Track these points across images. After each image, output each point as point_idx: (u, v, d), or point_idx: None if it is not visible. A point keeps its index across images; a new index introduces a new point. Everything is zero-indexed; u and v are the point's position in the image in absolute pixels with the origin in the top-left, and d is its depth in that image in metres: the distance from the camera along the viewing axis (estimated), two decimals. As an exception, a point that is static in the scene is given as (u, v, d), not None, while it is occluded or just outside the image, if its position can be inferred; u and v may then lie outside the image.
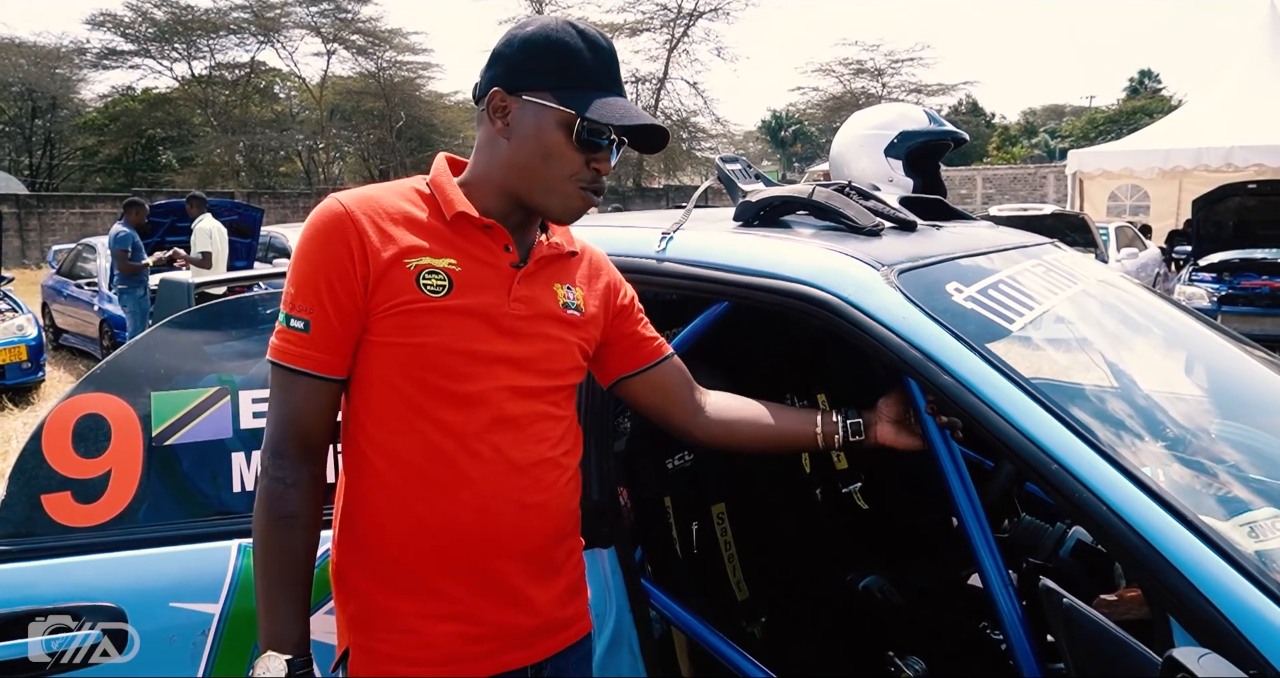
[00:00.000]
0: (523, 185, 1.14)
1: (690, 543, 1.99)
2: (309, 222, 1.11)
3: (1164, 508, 1.02)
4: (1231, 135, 11.38)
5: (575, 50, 1.11)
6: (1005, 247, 1.71)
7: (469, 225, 1.14)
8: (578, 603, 1.27)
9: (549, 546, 1.19)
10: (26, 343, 7.21)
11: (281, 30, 30.78)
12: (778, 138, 49.92)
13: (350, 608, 1.15)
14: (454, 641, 1.13)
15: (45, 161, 33.03)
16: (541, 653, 1.20)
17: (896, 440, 1.36)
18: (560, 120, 1.10)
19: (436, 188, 1.16)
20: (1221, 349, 1.88)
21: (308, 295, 1.08)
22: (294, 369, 1.09)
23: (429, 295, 1.09)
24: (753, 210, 1.57)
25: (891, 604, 2.12)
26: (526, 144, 1.12)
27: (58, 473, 1.34)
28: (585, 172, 1.13)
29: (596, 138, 1.11)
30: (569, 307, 1.21)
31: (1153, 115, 26.39)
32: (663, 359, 1.35)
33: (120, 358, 1.46)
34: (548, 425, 1.18)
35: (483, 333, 1.12)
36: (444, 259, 1.11)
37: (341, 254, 1.07)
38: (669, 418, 1.37)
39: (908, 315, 1.26)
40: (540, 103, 1.11)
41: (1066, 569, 1.40)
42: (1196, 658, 0.75)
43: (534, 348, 1.16)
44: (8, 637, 1.23)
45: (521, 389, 1.15)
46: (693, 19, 30.27)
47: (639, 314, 1.35)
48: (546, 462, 1.17)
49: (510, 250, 1.16)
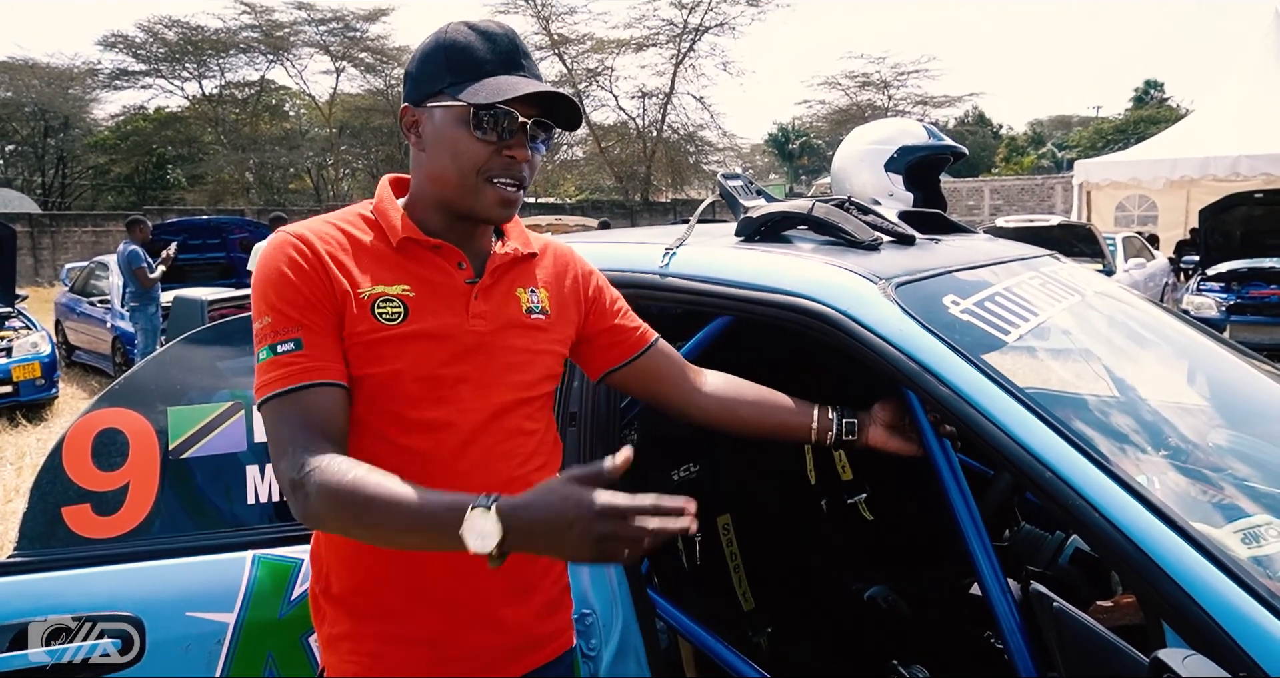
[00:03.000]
0: (446, 192, 1.12)
1: (696, 554, 2.02)
2: (265, 256, 1.09)
3: (1156, 515, 1.04)
4: (1238, 145, 11.39)
5: (463, 45, 1.09)
6: (1003, 259, 1.74)
7: (418, 248, 1.13)
8: (558, 619, 1.26)
9: (522, 565, 1.16)
10: (40, 360, 7.28)
11: (291, 49, 31.12)
12: (784, 151, 50.03)
13: (324, 631, 1.17)
14: (420, 664, 1.13)
15: (58, 180, 33.39)
16: (518, 670, 1.19)
17: (888, 444, 1.38)
18: (458, 116, 1.08)
19: (380, 213, 1.14)
20: (1220, 359, 1.90)
21: (291, 317, 1.05)
22: (299, 387, 1.03)
23: (385, 324, 1.07)
24: (754, 226, 1.60)
25: (896, 614, 2.13)
26: (436, 149, 1.10)
27: (77, 486, 1.38)
28: (496, 161, 1.09)
29: (495, 122, 1.07)
30: (534, 311, 1.19)
31: (1159, 125, 26.38)
32: (648, 347, 1.33)
33: (137, 374, 1.50)
34: (517, 442, 1.16)
35: (444, 356, 1.10)
36: (397, 286, 1.09)
37: (315, 271, 1.06)
38: (665, 401, 1.37)
39: (905, 328, 1.28)
40: (438, 105, 1.09)
41: (1065, 577, 1.42)
42: (1181, 659, 0.77)
43: (500, 362, 1.14)
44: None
45: (489, 408, 1.13)
46: (699, 34, 30.43)
47: (615, 303, 1.33)
48: (516, 480, 1.14)
49: (464, 267, 1.14)
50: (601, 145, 32.31)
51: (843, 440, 1.37)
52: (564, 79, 30.43)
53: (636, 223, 25.16)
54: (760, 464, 2.24)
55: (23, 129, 32.04)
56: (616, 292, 1.35)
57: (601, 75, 31.20)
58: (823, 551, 2.28)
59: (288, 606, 1.39)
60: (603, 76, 31.20)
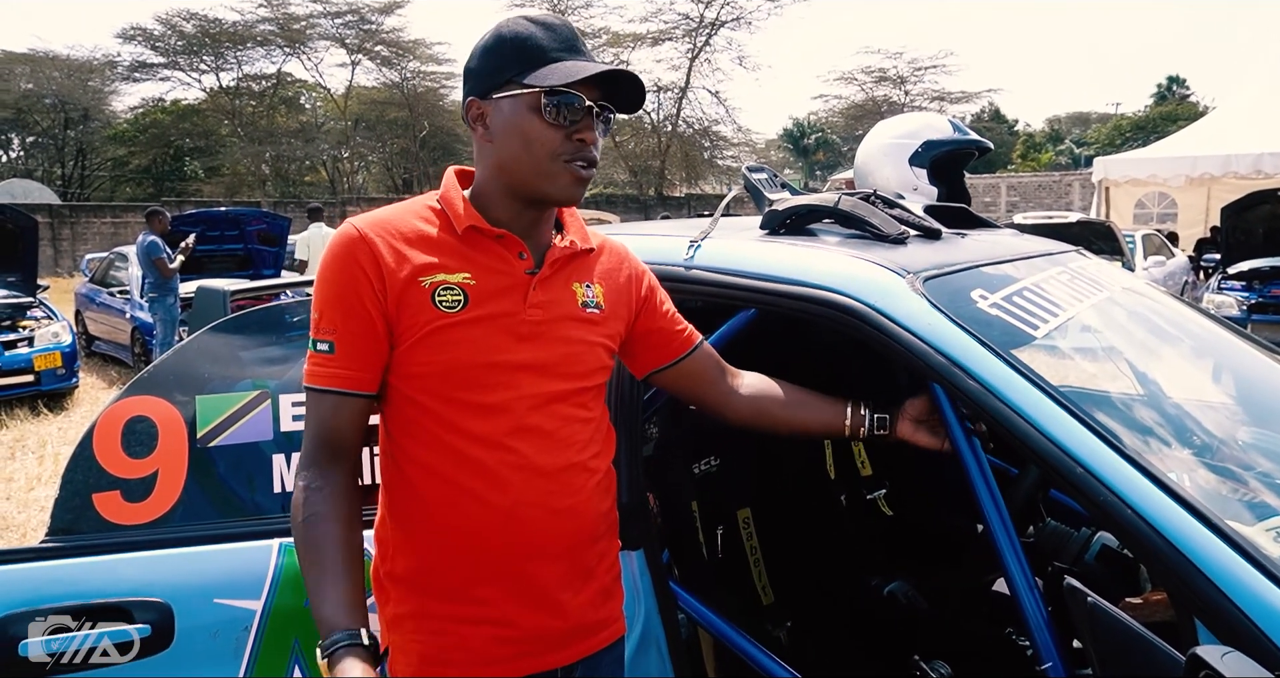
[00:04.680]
0: (517, 180, 1.15)
1: (716, 547, 2.02)
2: (328, 248, 1.14)
3: (1188, 511, 1.03)
4: (1261, 142, 11.25)
5: (527, 35, 1.13)
6: (1030, 254, 1.73)
7: (481, 237, 1.16)
8: (611, 606, 1.28)
9: (580, 549, 1.21)
10: (61, 350, 7.36)
11: (307, 42, 31.23)
12: (800, 146, 49.83)
13: (388, 610, 1.19)
14: (486, 643, 1.16)
15: (77, 172, 33.68)
16: (573, 655, 1.22)
17: (916, 437, 1.39)
18: (529, 104, 1.12)
19: (446, 203, 1.18)
20: (1249, 357, 1.88)
21: (331, 318, 1.12)
22: (322, 389, 1.13)
23: (446, 311, 1.11)
24: (779, 219, 1.60)
25: (916, 609, 2.13)
26: (508, 138, 1.14)
27: (108, 473, 1.39)
28: (568, 145, 1.13)
29: (566, 106, 1.11)
30: (589, 305, 1.22)
31: (1180, 122, 26.11)
32: (694, 349, 1.37)
33: (165, 363, 1.51)
34: (575, 429, 1.19)
35: (502, 343, 1.14)
36: (458, 274, 1.13)
37: (359, 277, 1.11)
38: (703, 401, 1.41)
39: (933, 322, 1.28)
40: (507, 95, 1.13)
41: (1092, 574, 1.41)
42: (1220, 656, 0.76)
43: (556, 352, 1.17)
44: (61, 630, 1.28)
45: (546, 395, 1.16)
46: (715, 28, 30.34)
47: (664, 305, 1.36)
48: (574, 466, 1.18)
49: (525, 257, 1.18)
50: (616, 140, 32.25)
51: (875, 434, 1.39)
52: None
53: (650, 218, 25.12)
54: (780, 459, 2.23)
55: (43, 121, 32.32)
56: (665, 293, 1.37)
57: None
58: (842, 545, 2.28)
59: (313, 593, 1.40)
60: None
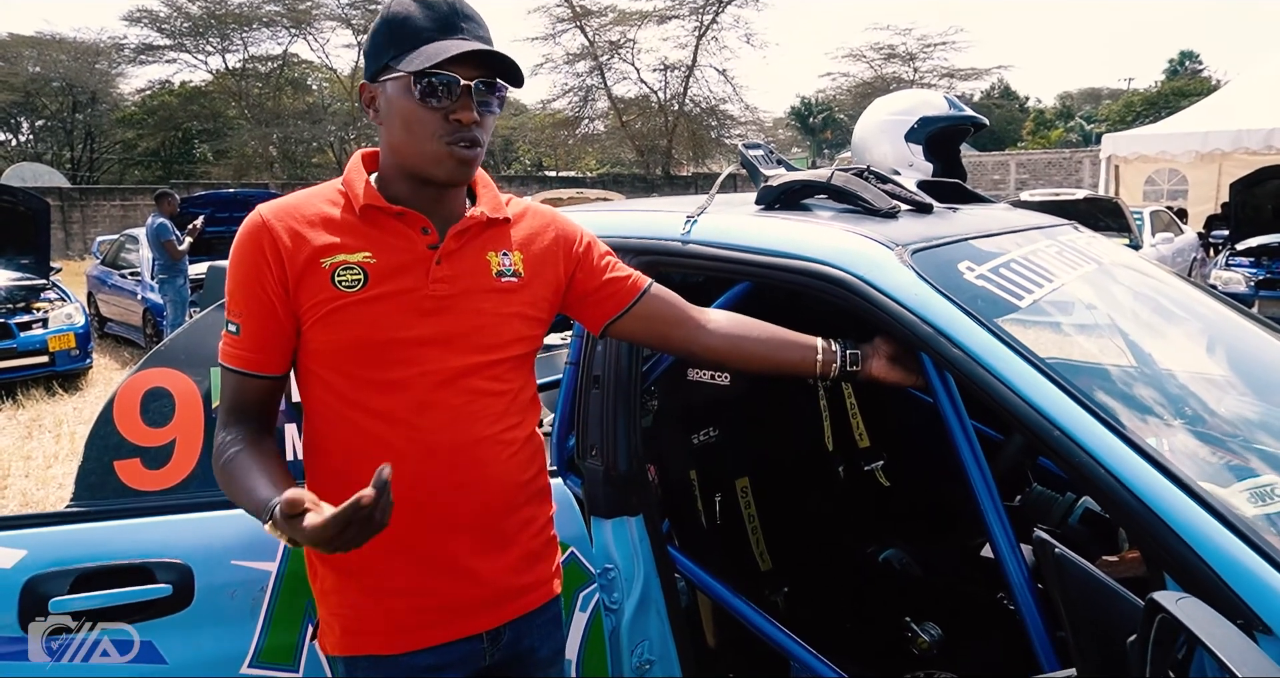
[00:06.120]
0: (407, 162, 1.16)
1: (715, 515, 2.07)
2: (237, 234, 1.18)
3: (1160, 471, 1.07)
4: (1273, 117, 11.12)
5: (405, 16, 1.13)
6: (1020, 227, 1.76)
7: (381, 215, 1.17)
8: (539, 570, 1.30)
9: (494, 520, 1.23)
10: (75, 331, 7.44)
11: (313, 22, 31.08)
12: (807, 125, 49.51)
13: (315, 585, 1.26)
14: (404, 612, 1.21)
15: (86, 155, 33.75)
16: (496, 620, 1.26)
17: (889, 375, 1.41)
18: (403, 87, 1.12)
19: (348, 185, 1.20)
20: (1238, 328, 1.91)
21: (238, 301, 1.16)
22: (230, 368, 1.18)
23: (344, 291, 1.13)
24: (774, 194, 1.64)
25: (909, 576, 2.18)
26: (391, 122, 1.15)
27: (128, 441, 1.46)
28: (445, 126, 1.13)
29: (440, 87, 1.11)
30: (504, 274, 1.22)
31: (1191, 98, 25.80)
32: (642, 293, 1.35)
33: (181, 337, 1.57)
34: (486, 403, 1.20)
35: (403, 320, 1.15)
36: (359, 254, 1.15)
37: (260, 263, 1.14)
38: (670, 343, 1.39)
39: (920, 293, 1.32)
40: (388, 78, 1.14)
41: (1074, 536, 1.46)
42: (1175, 601, 0.81)
43: (464, 324, 1.18)
44: (89, 589, 1.35)
45: (452, 369, 1.17)
46: (722, 5, 30.04)
47: (603, 259, 1.35)
48: (484, 440, 1.19)
49: (429, 232, 1.18)
50: (623, 119, 32.10)
51: (847, 371, 1.40)
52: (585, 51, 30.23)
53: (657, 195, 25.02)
54: (779, 430, 2.28)
55: (51, 104, 32.35)
56: (606, 247, 1.38)
57: (623, 48, 30.90)
58: (839, 515, 2.33)
59: (326, 556, 1.46)
60: (625, 49, 30.92)
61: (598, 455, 1.55)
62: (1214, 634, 0.78)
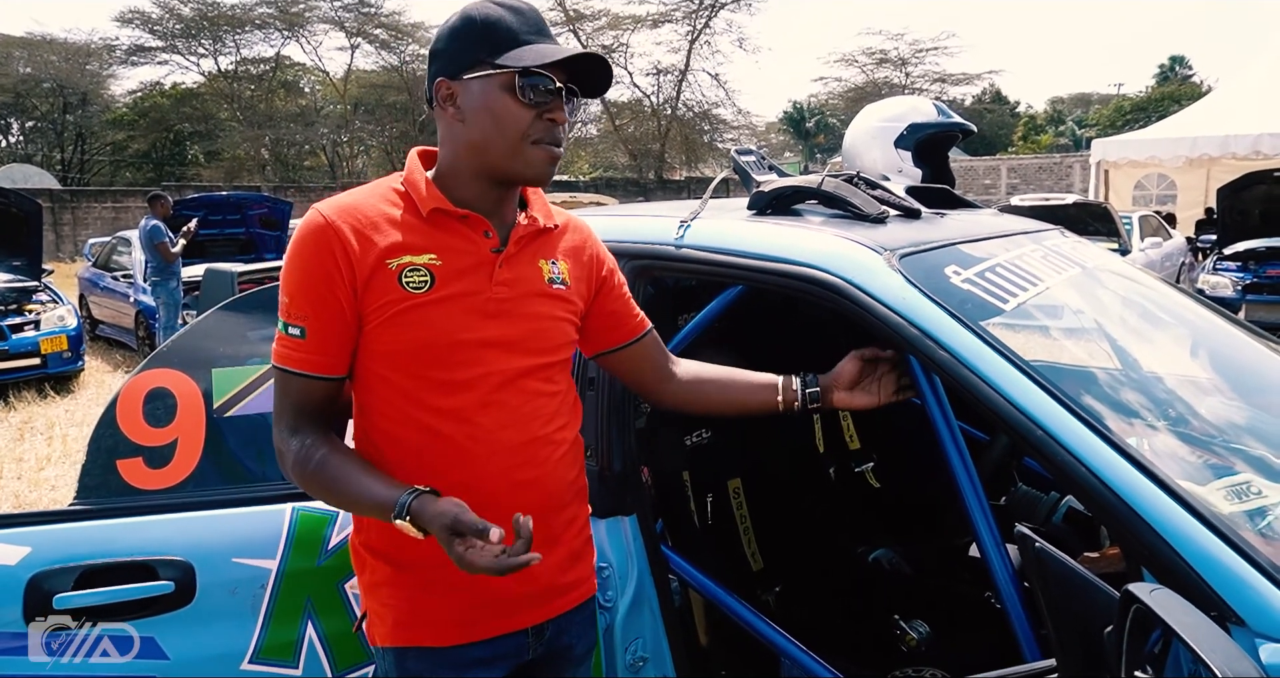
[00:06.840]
0: (488, 160, 1.17)
1: (707, 515, 2.10)
2: (296, 234, 1.17)
3: (1138, 468, 1.11)
4: (1260, 122, 11.22)
5: (495, 18, 1.15)
6: (1007, 232, 1.80)
7: (446, 217, 1.19)
8: (580, 569, 1.35)
9: (545, 517, 1.24)
10: (67, 333, 7.44)
11: (306, 25, 31.10)
12: (800, 129, 49.61)
13: (365, 578, 1.27)
14: (454, 608, 1.23)
15: (77, 156, 33.66)
16: (543, 615, 1.29)
17: (853, 402, 1.45)
18: (502, 84, 1.14)
19: (410, 185, 1.20)
20: (1220, 331, 1.95)
21: (301, 304, 1.15)
22: (295, 372, 1.17)
23: (412, 292, 1.15)
24: (766, 199, 1.67)
25: (899, 575, 2.21)
26: (479, 118, 1.16)
27: (131, 440, 1.48)
28: (539, 125, 1.16)
29: (538, 87, 1.14)
30: (554, 281, 1.25)
31: (1181, 103, 26.00)
32: (643, 335, 1.41)
33: (182, 339, 1.59)
34: (541, 403, 1.23)
35: (468, 321, 1.17)
36: (424, 255, 1.16)
37: (328, 264, 1.13)
38: (641, 386, 1.46)
39: (907, 296, 1.35)
40: (479, 75, 1.15)
41: (1058, 533, 1.50)
42: (1149, 592, 0.84)
43: (522, 328, 1.21)
44: (92, 586, 1.37)
45: (513, 371, 1.20)
46: (715, 10, 30.18)
47: (621, 288, 1.39)
48: (538, 440, 1.23)
49: (490, 236, 1.20)
50: (616, 123, 32.20)
51: (809, 407, 1.44)
52: (579, 55, 30.20)
53: (650, 201, 25.09)
54: (770, 433, 2.31)
55: (42, 105, 32.25)
56: (623, 277, 1.43)
57: (616, 52, 30.99)
58: (830, 516, 2.36)
59: (325, 554, 1.49)
60: (617, 53, 31.00)
61: (593, 456, 1.58)
62: (1186, 624, 0.81)
